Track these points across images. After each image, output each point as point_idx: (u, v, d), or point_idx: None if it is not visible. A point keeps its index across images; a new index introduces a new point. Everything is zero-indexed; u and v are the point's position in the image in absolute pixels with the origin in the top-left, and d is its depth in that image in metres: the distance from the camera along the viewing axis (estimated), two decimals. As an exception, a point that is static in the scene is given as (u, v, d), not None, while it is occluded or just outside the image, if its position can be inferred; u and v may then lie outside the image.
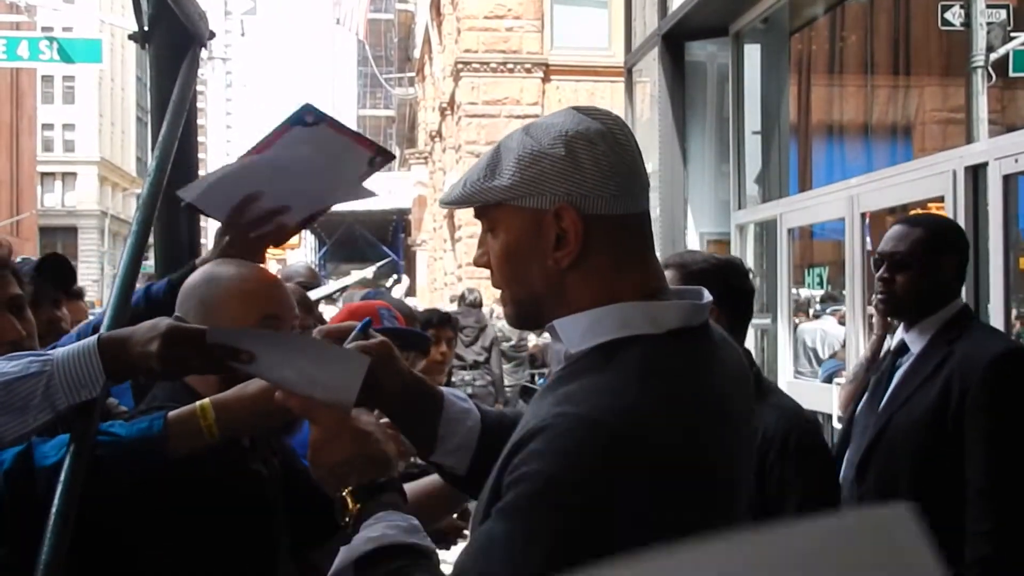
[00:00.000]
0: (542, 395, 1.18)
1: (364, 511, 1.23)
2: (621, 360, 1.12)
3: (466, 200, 1.20)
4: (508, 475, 1.07)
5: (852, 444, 2.58)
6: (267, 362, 1.36)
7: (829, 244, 6.72)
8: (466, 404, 1.45)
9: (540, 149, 1.16)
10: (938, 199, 4.60)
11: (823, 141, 7.54)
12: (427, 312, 4.04)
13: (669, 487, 1.05)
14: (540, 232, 1.16)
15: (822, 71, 7.57)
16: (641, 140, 5.20)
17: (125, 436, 1.52)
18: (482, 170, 1.19)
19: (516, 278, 1.21)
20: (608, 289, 1.17)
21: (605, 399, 1.07)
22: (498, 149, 1.21)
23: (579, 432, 1.04)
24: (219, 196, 1.86)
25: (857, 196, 5.14)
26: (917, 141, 6.92)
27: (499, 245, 1.21)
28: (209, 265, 1.78)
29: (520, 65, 17.01)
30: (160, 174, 2.09)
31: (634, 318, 1.15)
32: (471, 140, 16.84)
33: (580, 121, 1.17)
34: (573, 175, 1.15)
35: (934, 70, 6.92)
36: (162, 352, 1.42)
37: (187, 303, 1.71)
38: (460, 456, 1.41)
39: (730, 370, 1.22)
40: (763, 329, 6.52)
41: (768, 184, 6.81)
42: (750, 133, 6.84)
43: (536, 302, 1.20)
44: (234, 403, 1.54)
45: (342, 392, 1.29)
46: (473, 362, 8.47)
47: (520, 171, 1.16)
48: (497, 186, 1.17)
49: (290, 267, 4.82)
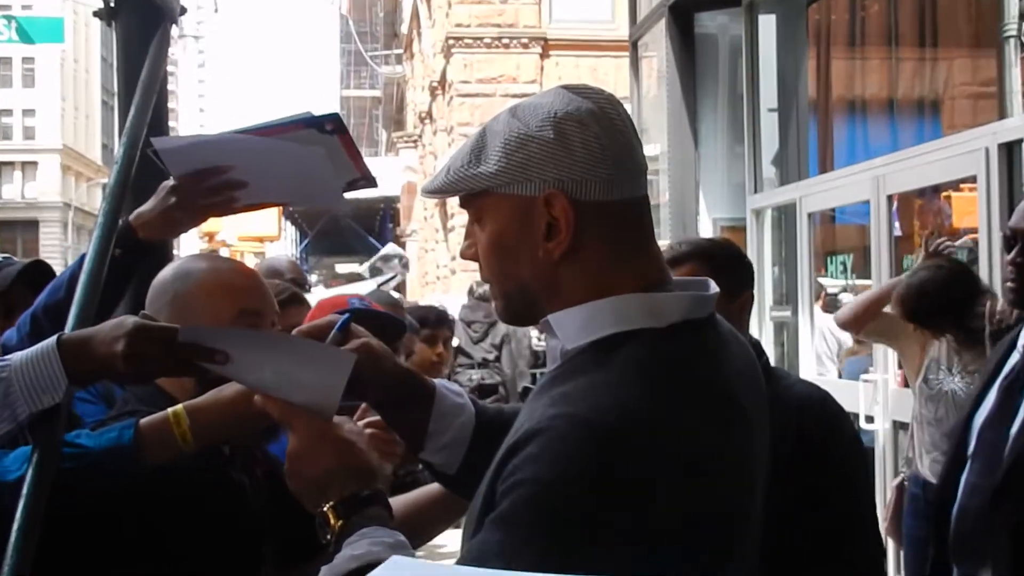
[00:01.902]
0: (537, 395, 1.18)
1: (347, 527, 1.23)
2: (620, 356, 1.12)
3: (449, 189, 1.21)
4: (501, 482, 1.07)
5: (974, 464, 2.35)
6: (244, 363, 1.35)
7: (853, 229, 6.72)
8: (460, 399, 1.45)
9: (527, 132, 1.16)
10: (970, 179, 4.60)
11: (845, 118, 7.53)
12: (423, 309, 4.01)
13: (673, 493, 1.05)
14: (529, 221, 1.17)
15: (843, 43, 7.56)
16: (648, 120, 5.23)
17: (93, 447, 1.51)
18: (466, 156, 1.20)
19: (505, 271, 1.21)
20: (604, 281, 1.17)
21: (603, 398, 1.07)
22: (483, 133, 1.21)
23: (576, 435, 1.04)
24: (188, 157, 1.87)
25: (882, 177, 5.14)
26: (946, 117, 6.91)
27: (486, 236, 1.21)
28: (181, 259, 1.79)
29: (516, 40, 16.98)
30: (128, 162, 2.08)
31: (634, 311, 1.16)
32: (464, 122, 16.82)
33: (570, 101, 1.17)
34: (563, 159, 1.15)
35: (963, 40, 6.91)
36: (128, 353, 1.42)
37: (158, 300, 1.71)
38: (451, 454, 1.41)
39: (739, 366, 1.22)
40: (782, 322, 6.52)
41: (786, 165, 6.80)
42: (766, 111, 6.83)
43: (527, 296, 1.21)
44: (210, 408, 1.54)
45: (324, 395, 1.28)
46: (482, 360, 8.37)
47: (506, 156, 1.16)
48: (482, 173, 1.17)
49: (271, 261, 4.81)
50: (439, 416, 1.42)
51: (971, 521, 2.31)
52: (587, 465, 1.03)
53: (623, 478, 1.03)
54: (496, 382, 8.35)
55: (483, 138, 1.20)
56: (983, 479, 2.30)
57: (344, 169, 1.88)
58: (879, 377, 5.10)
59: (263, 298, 1.75)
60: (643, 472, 1.04)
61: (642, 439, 1.05)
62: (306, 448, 1.27)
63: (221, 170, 1.87)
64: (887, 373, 5.06)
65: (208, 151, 1.88)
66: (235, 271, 1.78)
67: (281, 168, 1.84)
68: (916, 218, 6.29)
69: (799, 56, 6.92)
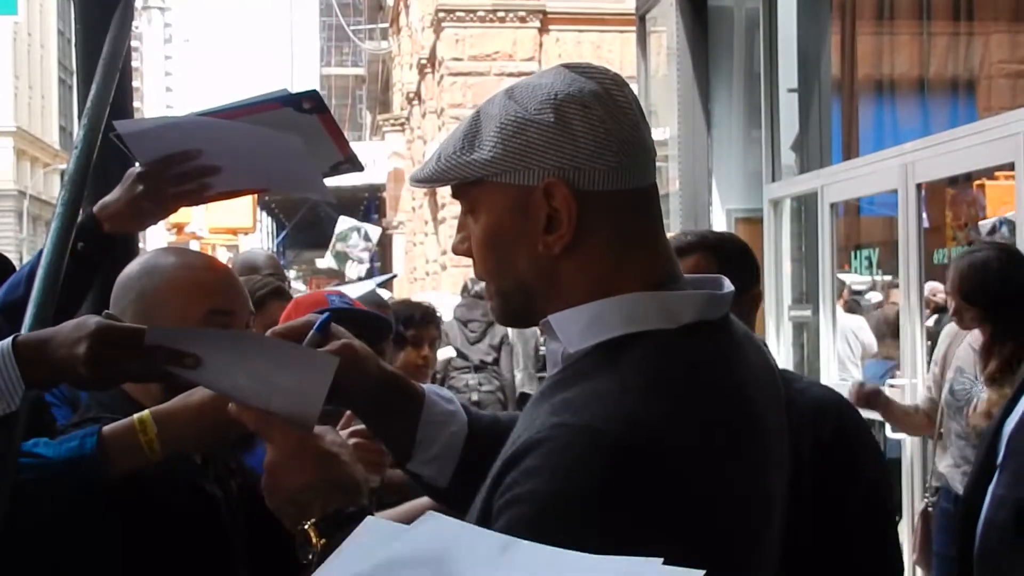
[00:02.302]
0: (536, 402, 1.18)
1: (330, 546, 1.21)
2: (628, 360, 1.12)
3: (440, 177, 1.21)
4: (499, 497, 1.08)
5: (1002, 474, 2.36)
6: (216, 367, 1.35)
7: (879, 221, 6.73)
8: (451, 406, 1.45)
9: (526, 115, 1.16)
10: (1007, 167, 4.61)
11: (871, 100, 7.54)
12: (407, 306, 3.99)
13: (684, 506, 1.06)
14: (528, 213, 1.17)
15: (870, 16, 7.56)
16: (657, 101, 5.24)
17: (53, 457, 1.52)
18: (458, 141, 1.20)
19: (501, 267, 1.22)
20: (609, 278, 1.18)
21: (610, 406, 1.07)
22: (477, 116, 1.21)
23: (580, 445, 1.04)
24: (155, 141, 1.88)
25: (912, 164, 5.15)
26: (982, 99, 6.92)
27: (480, 229, 1.21)
28: (148, 254, 1.79)
29: (512, 13, 16.97)
30: (89, 147, 2.08)
31: (643, 311, 1.16)
32: (455, 103, 16.82)
33: (572, 81, 1.18)
34: (564, 145, 1.15)
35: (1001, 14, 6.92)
36: (90, 356, 1.42)
37: (122, 298, 1.71)
38: (441, 465, 1.42)
39: (756, 371, 1.23)
40: (802, 323, 6.53)
41: (807, 152, 6.81)
42: (785, 91, 6.84)
43: (525, 294, 1.21)
44: (179, 415, 1.54)
45: (305, 402, 1.28)
46: (480, 362, 8.30)
47: (503, 142, 1.16)
48: (476, 160, 1.18)
49: (247, 255, 4.79)
50: (428, 424, 1.41)
51: (996, 535, 2.31)
52: (591, 479, 1.03)
53: (630, 494, 1.03)
54: (494, 387, 8.29)
55: (477, 122, 1.20)
56: (1010, 491, 2.32)
57: (325, 152, 1.88)
58: (907, 382, 5.11)
59: (236, 297, 1.76)
60: (652, 488, 1.04)
61: (652, 452, 1.05)
62: (285, 461, 1.27)
63: (191, 155, 1.87)
64: (915, 378, 5.07)
65: (176, 135, 1.88)
66: (206, 267, 1.78)
67: (256, 153, 1.85)
68: (948, 209, 6.31)
69: (822, 31, 6.93)
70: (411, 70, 23.46)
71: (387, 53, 31.21)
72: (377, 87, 35.61)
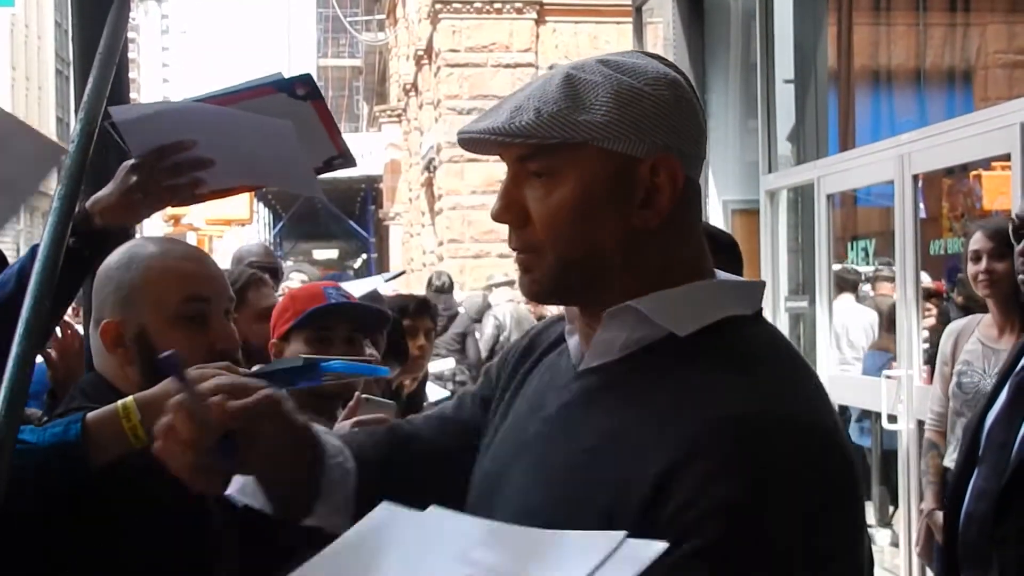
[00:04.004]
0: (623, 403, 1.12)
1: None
2: (748, 343, 1.13)
3: (540, 133, 1.12)
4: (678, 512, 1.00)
5: (982, 467, 2.35)
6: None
7: (875, 212, 6.73)
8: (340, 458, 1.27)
9: (640, 88, 1.14)
10: (1003, 157, 4.61)
11: (868, 91, 7.54)
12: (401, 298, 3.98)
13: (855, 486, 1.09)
14: (628, 183, 1.14)
15: (866, 7, 7.56)
16: (653, 92, 5.00)
17: (37, 443, 1.51)
18: (559, 100, 1.12)
19: (578, 235, 1.15)
20: (694, 262, 1.19)
21: (773, 389, 1.07)
22: (569, 79, 1.14)
23: (775, 433, 1.03)
24: (148, 130, 1.87)
25: (908, 155, 5.15)
26: (978, 89, 6.92)
27: (566, 193, 1.14)
28: (128, 244, 1.79)
29: (509, 4, 16.94)
30: (86, 138, 2.07)
31: (730, 296, 1.17)
32: (452, 94, 16.79)
33: (664, 67, 1.18)
34: (676, 125, 1.15)
35: (997, 5, 6.92)
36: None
37: (103, 289, 1.72)
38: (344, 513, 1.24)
39: None
40: (798, 314, 6.53)
41: (803, 143, 6.81)
42: (781, 82, 6.84)
43: (595, 267, 1.15)
44: (161, 400, 1.53)
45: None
46: (445, 352, 8.58)
47: (619, 108, 1.12)
48: (587, 121, 1.12)
49: (240, 250, 4.82)
50: (330, 472, 1.25)
51: (976, 528, 2.31)
52: (800, 464, 1.02)
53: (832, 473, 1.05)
54: (467, 377, 8.47)
55: (571, 84, 1.14)
56: (989, 483, 2.30)
57: (319, 144, 1.87)
58: (903, 373, 5.12)
59: (212, 284, 1.76)
60: (842, 463, 1.06)
61: (825, 428, 1.07)
62: None
63: (185, 146, 1.86)
64: (911, 368, 5.08)
65: (170, 122, 1.87)
66: (182, 255, 1.78)
67: (249, 145, 1.84)
68: (944, 199, 6.30)
69: (818, 22, 6.93)
70: (408, 61, 23.41)
71: (384, 44, 31.14)
72: (374, 78, 35.55)
